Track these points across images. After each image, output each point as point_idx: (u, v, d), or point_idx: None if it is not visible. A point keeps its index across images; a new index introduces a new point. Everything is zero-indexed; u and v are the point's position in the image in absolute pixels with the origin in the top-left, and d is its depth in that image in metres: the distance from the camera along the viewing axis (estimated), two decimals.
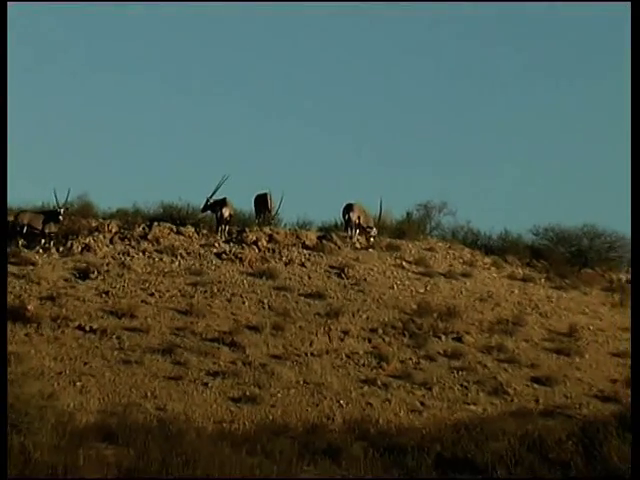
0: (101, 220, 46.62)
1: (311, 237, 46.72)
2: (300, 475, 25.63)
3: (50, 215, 45.03)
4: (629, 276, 49.98)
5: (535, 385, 38.53)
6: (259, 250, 45.53)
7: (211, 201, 46.46)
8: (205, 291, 42.63)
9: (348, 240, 46.66)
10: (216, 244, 45.72)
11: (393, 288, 43.92)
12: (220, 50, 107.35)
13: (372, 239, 46.98)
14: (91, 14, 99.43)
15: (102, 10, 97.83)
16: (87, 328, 39.67)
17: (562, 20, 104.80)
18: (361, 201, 48.17)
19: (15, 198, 47.28)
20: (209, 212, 46.82)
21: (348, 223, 46.93)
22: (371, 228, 47.15)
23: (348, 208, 47.00)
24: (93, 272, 43.11)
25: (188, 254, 45.00)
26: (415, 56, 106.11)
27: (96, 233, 45.55)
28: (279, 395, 36.60)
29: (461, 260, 47.27)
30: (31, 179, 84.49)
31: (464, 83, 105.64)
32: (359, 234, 46.98)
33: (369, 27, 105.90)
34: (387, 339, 40.45)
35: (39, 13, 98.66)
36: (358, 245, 46.59)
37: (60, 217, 44.88)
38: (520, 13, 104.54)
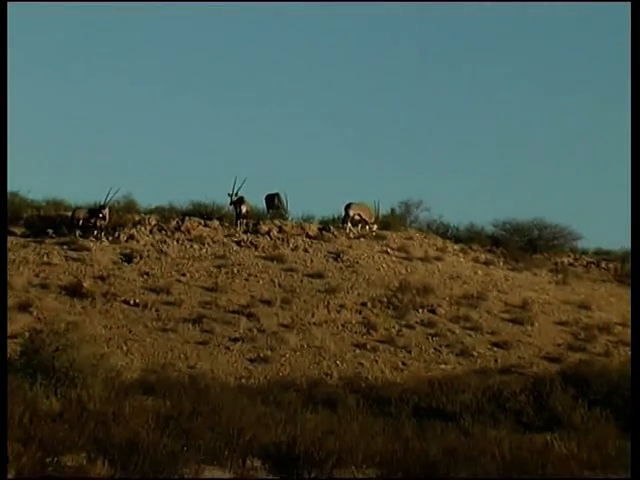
0: (142, 215, 46.60)
1: (313, 228, 46.69)
2: (306, 419, 25.60)
3: (100, 211, 45.09)
4: (570, 259, 50.09)
5: (494, 348, 38.70)
6: (271, 239, 45.51)
7: (234, 199, 46.47)
8: (227, 272, 42.74)
9: (344, 231, 46.66)
10: (236, 234, 45.67)
11: (379, 270, 43.96)
12: (230, 54, 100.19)
13: (373, 233, 46.93)
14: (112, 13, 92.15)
15: (119, 8, 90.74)
16: (131, 302, 39.86)
17: (561, 20, 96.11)
18: (359, 199, 48.13)
19: (73, 197, 47.58)
20: (231, 207, 46.75)
21: (346, 218, 46.97)
22: (373, 224, 47.18)
23: (347, 207, 47.05)
24: (136, 257, 43.22)
25: (213, 242, 45.02)
26: (410, 58, 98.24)
27: (138, 225, 45.55)
28: (287, 356, 36.80)
29: (434, 247, 47.25)
30: (87, 181, 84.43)
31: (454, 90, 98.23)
32: (361, 228, 46.95)
33: (367, 27, 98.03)
34: (375, 311, 40.58)
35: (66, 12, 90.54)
36: (351, 235, 46.59)
37: (106, 214, 44.98)
38: (517, 13, 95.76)
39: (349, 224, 46.78)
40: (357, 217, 47.03)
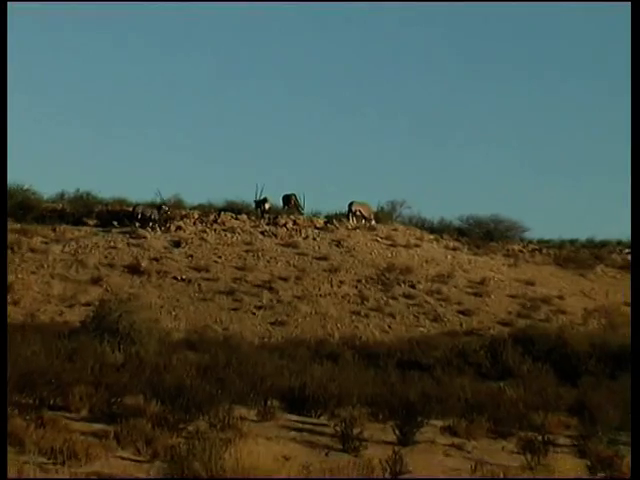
0: (188, 210, 46.73)
1: (320, 222, 46.76)
2: (313, 369, 25.62)
3: (157, 207, 45.22)
4: (520, 247, 50.04)
5: (460, 315, 38.77)
6: (287, 230, 45.59)
7: (260, 199, 46.62)
8: (253, 255, 42.83)
9: (345, 223, 46.70)
10: (260, 226, 45.79)
11: (371, 254, 44.02)
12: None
13: (373, 225, 46.95)
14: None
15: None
16: (178, 278, 39.96)
17: (561, 20, 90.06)
18: (356, 198, 48.32)
19: (133, 195, 47.71)
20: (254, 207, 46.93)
21: (349, 214, 47.05)
22: (370, 219, 47.22)
23: (350, 204, 47.18)
24: (182, 243, 43.33)
25: (242, 232, 45.10)
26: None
27: (185, 219, 45.68)
28: (299, 321, 36.90)
29: (414, 237, 47.29)
30: (143, 182, 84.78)
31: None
32: (364, 222, 46.96)
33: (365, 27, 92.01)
34: (367, 286, 40.65)
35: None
36: (350, 227, 46.62)
37: (166, 209, 45.19)
38: (515, 13, 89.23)
39: (351, 218, 46.85)
40: (358, 213, 47.09)
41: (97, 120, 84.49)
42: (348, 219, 46.77)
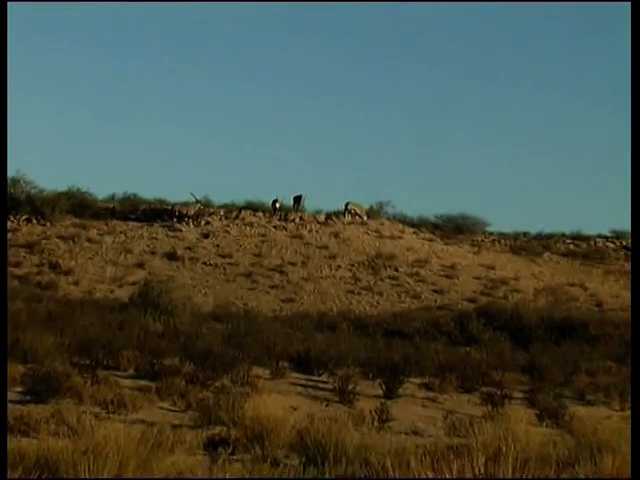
0: (215, 208, 46.61)
1: (321, 218, 46.62)
2: (316, 337, 25.62)
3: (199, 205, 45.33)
4: (482, 238, 49.89)
5: (434, 293, 38.73)
6: (295, 224, 45.53)
7: (276, 204, 46.23)
8: (267, 245, 42.74)
9: (342, 220, 46.58)
10: (273, 221, 45.71)
11: (362, 244, 43.90)
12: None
13: (365, 223, 46.77)
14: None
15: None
16: (207, 263, 39.93)
17: (561, 20, 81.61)
18: (356, 198, 48.27)
19: (171, 196, 47.54)
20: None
21: (345, 212, 46.92)
22: (363, 217, 47.01)
23: (347, 204, 47.01)
24: (211, 235, 43.23)
25: (259, 226, 44.99)
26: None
27: (213, 215, 45.58)
28: (304, 298, 36.87)
29: (397, 230, 47.15)
30: (180, 185, 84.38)
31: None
32: (357, 219, 46.66)
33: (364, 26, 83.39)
34: (359, 270, 40.59)
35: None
36: (345, 222, 46.53)
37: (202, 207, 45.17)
38: (515, 13, 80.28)
39: (347, 216, 46.73)
40: (352, 211, 46.97)
41: (141, 134, 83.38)
42: (344, 216, 46.66)
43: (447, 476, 6.48)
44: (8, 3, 10.29)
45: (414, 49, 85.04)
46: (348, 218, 46.65)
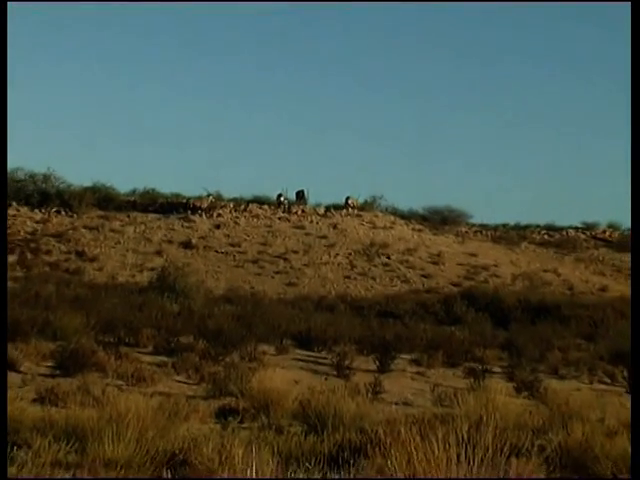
0: (225, 202, 46.49)
1: (321, 210, 46.56)
2: (316, 317, 25.58)
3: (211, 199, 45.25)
4: (466, 229, 49.77)
5: (423, 278, 38.64)
6: (297, 216, 45.46)
7: (280, 198, 46.15)
8: (272, 234, 42.66)
9: (342, 212, 46.45)
10: (278, 213, 45.65)
11: (358, 234, 43.84)
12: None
13: (360, 215, 46.61)
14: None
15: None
16: (219, 251, 39.87)
17: (561, 20, 77.64)
18: (351, 192, 48.02)
19: (186, 191, 47.40)
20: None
21: (345, 205, 46.75)
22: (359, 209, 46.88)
23: (347, 198, 46.86)
24: (221, 226, 43.17)
25: (265, 217, 44.92)
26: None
27: (223, 208, 45.49)
28: (306, 282, 36.82)
29: (389, 221, 47.08)
30: (194, 180, 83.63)
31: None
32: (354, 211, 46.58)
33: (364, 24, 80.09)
34: (355, 257, 40.51)
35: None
36: (343, 214, 46.46)
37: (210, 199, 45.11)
38: (515, 13, 76.32)
39: (348, 209, 46.58)
40: (352, 205, 46.87)
41: (159, 135, 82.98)
42: (346, 209, 46.48)
43: (433, 441, 6.48)
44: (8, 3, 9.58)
45: (410, 48, 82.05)
46: (347, 211, 46.54)
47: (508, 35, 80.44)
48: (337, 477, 7.73)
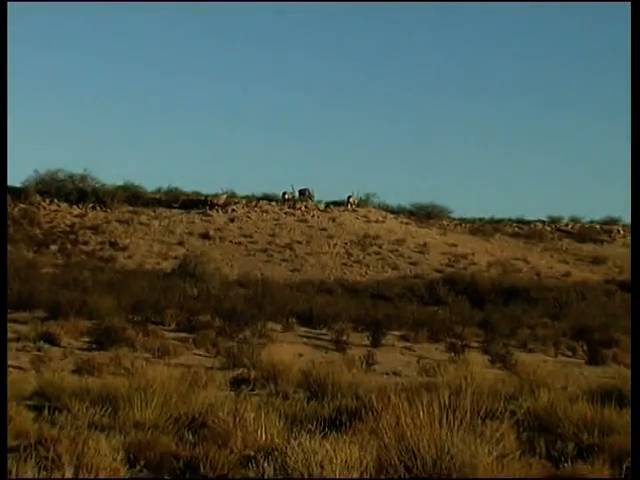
0: (238, 199, 46.27)
1: (321, 206, 46.30)
2: (317, 299, 25.51)
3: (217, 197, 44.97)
4: (448, 222, 49.51)
5: (410, 265, 38.57)
6: (301, 211, 45.36)
7: (286, 195, 45.82)
8: (279, 227, 42.49)
9: (343, 208, 46.05)
10: (284, 208, 45.52)
11: (354, 226, 43.71)
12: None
13: (356, 210, 46.25)
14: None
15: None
16: (233, 241, 39.81)
17: (561, 19, 71.44)
18: (346, 189, 47.93)
19: (204, 189, 47.12)
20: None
21: (348, 202, 46.38)
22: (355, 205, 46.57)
23: (349, 197, 46.51)
24: (235, 219, 43.03)
25: (273, 212, 44.79)
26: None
27: (237, 204, 45.34)
28: (308, 268, 36.78)
29: (381, 215, 47.02)
30: (211, 180, 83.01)
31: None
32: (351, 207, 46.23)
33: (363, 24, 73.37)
34: (351, 247, 40.42)
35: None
36: (341, 209, 46.29)
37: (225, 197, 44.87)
38: (515, 12, 69.38)
39: (349, 205, 46.29)
40: (352, 202, 46.63)
41: (181, 139, 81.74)
42: (347, 206, 46.15)
43: (419, 406, 6.50)
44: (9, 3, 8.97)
45: (405, 49, 76.27)
46: (347, 207, 46.38)
47: (492, 32, 73.73)
48: None
